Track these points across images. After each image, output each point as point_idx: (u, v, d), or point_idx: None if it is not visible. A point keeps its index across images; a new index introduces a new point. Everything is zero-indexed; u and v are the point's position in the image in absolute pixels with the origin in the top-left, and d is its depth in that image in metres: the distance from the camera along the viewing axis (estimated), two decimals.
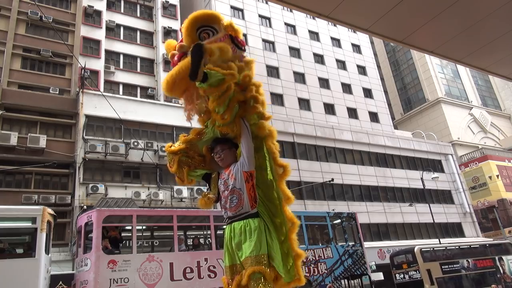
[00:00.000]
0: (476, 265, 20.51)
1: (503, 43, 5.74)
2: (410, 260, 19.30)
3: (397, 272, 19.90)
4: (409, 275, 19.03)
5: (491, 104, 52.00)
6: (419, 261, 18.71)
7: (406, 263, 19.47)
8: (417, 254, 18.89)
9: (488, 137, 47.09)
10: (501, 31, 5.44)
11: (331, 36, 36.49)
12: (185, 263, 9.03)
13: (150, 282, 8.69)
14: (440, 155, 36.15)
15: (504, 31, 5.38)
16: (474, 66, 6.44)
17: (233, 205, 3.51)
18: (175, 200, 20.91)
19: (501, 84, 52.82)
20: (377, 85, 37.38)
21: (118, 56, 25.98)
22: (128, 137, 20.89)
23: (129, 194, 19.59)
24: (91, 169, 19.99)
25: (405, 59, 50.21)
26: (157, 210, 12.05)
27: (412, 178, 31.84)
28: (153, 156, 20.96)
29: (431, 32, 5.29)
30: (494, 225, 35.24)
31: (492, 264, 21.12)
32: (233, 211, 3.50)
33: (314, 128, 28.97)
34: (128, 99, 22.60)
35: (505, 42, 5.71)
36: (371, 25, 4.87)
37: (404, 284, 19.22)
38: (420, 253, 19.03)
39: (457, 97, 47.02)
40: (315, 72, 33.30)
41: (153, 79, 26.53)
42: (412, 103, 48.50)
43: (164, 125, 22.50)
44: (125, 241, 10.47)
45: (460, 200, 34.75)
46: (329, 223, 11.64)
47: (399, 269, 19.78)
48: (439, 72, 47.38)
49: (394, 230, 29.23)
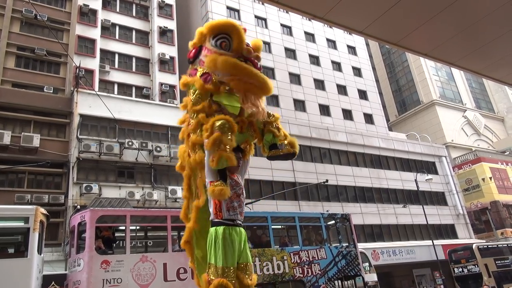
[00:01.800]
0: None
1: (496, 47, 5.79)
2: (468, 255, 21.75)
3: (455, 267, 22.49)
4: (467, 269, 21.52)
5: (484, 106, 52.39)
6: (478, 257, 21.27)
7: (464, 258, 21.96)
8: (475, 251, 21.47)
9: (481, 139, 47.42)
10: (494, 35, 5.49)
11: (327, 38, 36.60)
12: (178, 264, 9.01)
13: (143, 283, 8.66)
14: (434, 157, 36.36)
15: (497, 35, 5.43)
16: (467, 69, 6.49)
17: (243, 211, 3.72)
18: (169, 200, 20.86)
19: (494, 87, 53.24)
20: (372, 87, 37.54)
21: (113, 56, 25.88)
22: (123, 137, 20.81)
23: (123, 194, 19.52)
24: (85, 169, 19.88)
25: (400, 61, 50.46)
26: (151, 210, 12.02)
27: (406, 179, 31.97)
28: (147, 156, 20.90)
29: (425, 35, 5.32)
30: (487, 226, 35.49)
31: None
32: (242, 216, 3.70)
33: (309, 129, 29.01)
34: (123, 98, 22.52)
35: (498, 46, 5.76)
36: (366, 27, 4.89)
37: (463, 276, 21.74)
38: (477, 249, 21.59)
39: (451, 99, 47.33)
40: (310, 73, 33.37)
41: (148, 79, 26.46)
42: (406, 105, 48.73)
43: (159, 125, 22.44)
44: (118, 241, 10.43)
45: (454, 202, 34.96)
46: (323, 224, 11.66)
47: (458, 264, 22.26)
48: (433, 74, 47.65)
49: (388, 231, 29.34)
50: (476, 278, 20.67)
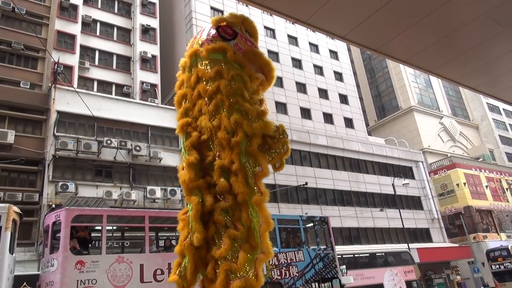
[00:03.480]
0: None
1: (471, 57, 5.97)
2: (505, 254, 25.54)
3: (493, 264, 26.30)
4: (504, 266, 25.45)
5: (460, 114, 53.83)
6: None
7: (501, 256, 25.79)
8: (511, 251, 25.29)
9: (456, 145, 48.70)
10: (470, 45, 5.65)
11: (310, 42, 36.93)
12: (155, 265, 8.90)
13: (119, 284, 8.52)
14: (411, 162, 37.12)
15: (472, 45, 5.60)
16: (444, 77, 6.66)
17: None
18: (148, 201, 20.60)
19: (470, 95, 54.78)
20: (353, 92, 38.06)
21: (94, 52, 25.44)
22: (101, 135, 20.45)
23: (100, 194, 19.16)
24: (61, 167, 19.44)
25: (380, 67, 51.34)
26: (128, 210, 11.84)
27: (383, 183, 32.52)
28: (126, 155, 20.60)
29: (404, 43, 5.44)
30: (460, 231, 36.44)
31: None
32: None
33: (290, 132, 29.15)
34: (102, 96, 22.14)
35: (473, 56, 5.94)
36: (347, 33, 4.97)
37: (500, 272, 25.67)
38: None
39: (429, 106, 48.44)
40: (292, 76, 33.59)
41: (129, 77, 26.11)
42: (386, 110, 49.61)
43: (139, 124, 22.17)
44: (94, 242, 10.23)
45: (429, 206, 35.75)
46: (301, 226, 11.74)
47: (495, 261, 26.16)
48: (412, 81, 48.68)
49: (365, 235, 29.77)
50: (511, 273, 24.75)
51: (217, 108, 3.98)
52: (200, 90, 4.10)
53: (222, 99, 3.97)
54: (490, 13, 4.79)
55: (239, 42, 3.86)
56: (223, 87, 3.97)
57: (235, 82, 3.99)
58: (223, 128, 3.89)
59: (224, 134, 3.87)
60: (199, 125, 4.13)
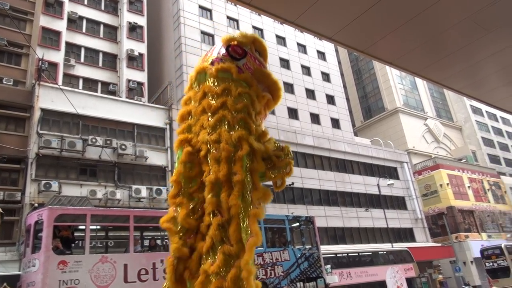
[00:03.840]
0: None
1: (455, 59, 6.06)
2: (498, 252, 27.70)
3: (486, 262, 28.43)
4: (497, 263, 27.55)
5: (444, 116, 54.72)
6: (506, 254, 27.22)
7: (494, 255, 27.84)
8: (504, 249, 27.53)
9: (440, 147, 49.49)
10: (454, 48, 5.74)
11: (298, 42, 37.05)
12: (140, 265, 8.80)
13: (102, 284, 8.40)
14: (396, 162, 37.57)
15: (456, 48, 5.68)
16: (429, 79, 6.74)
17: None
18: (133, 200, 20.40)
19: (454, 97, 55.73)
20: (340, 92, 38.34)
21: (79, 49, 25.06)
22: (86, 133, 20.17)
23: (85, 193, 18.90)
24: (44, 166, 19.10)
25: (367, 69, 51.84)
26: (113, 209, 11.69)
27: (369, 184, 32.84)
28: (112, 154, 20.36)
29: (391, 44, 5.49)
30: (443, 231, 37.03)
31: None
32: None
33: (278, 132, 29.23)
34: (88, 94, 21.83)
35: (457, 59, 6.03)
36: (335, 34, 4.99)
37: (493, 269, 27.76)
38: (505, 248, 27.74)
39: (414, 107, 49.12)
40: (280, 76, 33.64)
41: (115, 74, 25.80)
42: (372, 111, 50.12)
43: (125, 122, 21.93)
44: (78, 241, 10.08)
45: (413, 207, 36.25)
46: (287, 226, 11.77)
47: (489, 259, 28.26)
48: (398, 83, 49.29)
49: (350, 234, 30.02)
50: (504, 270, 26.94)
51: (219, 123, 3.96)
52: (205, 106, 4.07)
53: (224, 115, 3.96)
54: (474, 16, 4.87)
55: (248, 61, 3.92)
56: (230, 104, 3.98)
57: (242, 99, 4.02)
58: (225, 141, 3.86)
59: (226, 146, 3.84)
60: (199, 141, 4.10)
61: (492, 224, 42.88)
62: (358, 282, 19.32)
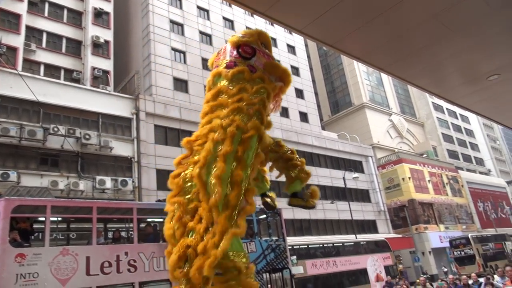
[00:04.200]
0: (495, 246, 32.66)
1: (420, 57, 6.24)
2: (464, 242, 30.96)
3: (455, 250, 31.67)
4: (464, 252, 30.56)
5: (408, 112, 56.57)
6: (472, 244, 30.33)
7: (462, 244, 31.07)
8: (471, 239, 30.95)
9: (404, 142, 51.20)
10: (419, 45, 5.90)
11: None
12: (103, 257, 8.60)
13: (63, 277, 8.15)
14: (361, 156, 38.54)
15: (421, 46, 5.85)
16: (395, 75, 6.92)
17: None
18: (97, 191, 19.85)
19: (417, 94, 57.69)
20: (309, 87, 38.75)
21: (41, 34, 23.96)
22: (48, 122, 19.38)
23: (46, 183, 18.20)
24: (2, 155, 18.23)
25: (335, 64, 52.65)
26: (75, 201, 11.33)
27: (335, 177, 33.53)
28: (75, 143, 19.69)
29: (359, 40, 5.58)
30: (404, 222, 38.48)
31: (501, 246, 33.43)
32: None
33: None
34: (49, 81, 20.94)
35: (422, 56, 6.21)
36: (305, 26, 5.00)
37: (460, 257, 30.80)
38: (472, 238, 31.17)
39: (380, 103, 50.45)
40: None
41: (79, 62, 24.87)
42: (339, 106, 51.07)
43: (89, 111, 21.23)
44: (37, 233, 9.71)
45: (376, 199, 37.38)
46: (255, 218, 11.83)
47: (457, 248, 31.52)
48: (365, 78, 50.41)
49: (316, 226, 30.61)
50: (470, 258, 29.94)
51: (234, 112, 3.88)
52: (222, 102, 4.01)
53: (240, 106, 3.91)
54: (439, 15, 5.02)
55: (258, 58, 4.05)
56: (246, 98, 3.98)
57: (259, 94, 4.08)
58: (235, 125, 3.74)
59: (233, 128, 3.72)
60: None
61: (450, 216, 44.96)
62: (342, 270, 20.90)
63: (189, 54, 29.21)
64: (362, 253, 24.47)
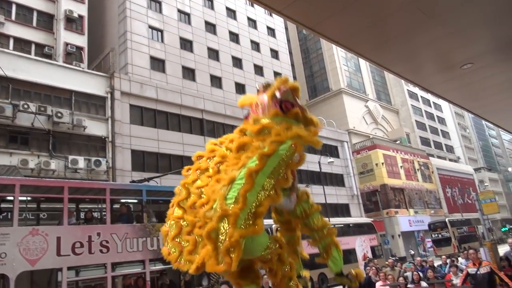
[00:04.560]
0: (468, 229, 35.86)
1: (398, 43, 6.28)
2: (442, 226, 34.23)
3: (433, 233, 34.89)
4: (441, 235, 33.71)
5: (384, 99, 57.47)
6: (449, 227, 33.54)
7: (440, 227, 34.28)
8: (448, 223, 34.02)
9: (378, 128, 52.15)
10: (397, 32, 5.93)
11: (248, 16, 36.55)
12: (74, 238, 8.45)
13: (32, 257, 7.98)
14: (337, 141, 39.06)
15: (399, 33, 5.88)
16: (373, 61, 6.95)
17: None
18: (69, 171, 19.39)
19: (393, 81, 58.58)
20: (288, 70, 38.68)
21: (10, 6, 22.83)
22: (17, 98, 18.65)
23: (15, 162, 17.61)
24: None
25: (315, 48, 52.63)
26: (45, 180, 11.02)
27: (310, 161, 33.81)
28: (46, 121, 19.06)
29: (338, 24, 5.55)
30: (376, 207, 39.57)
31: (474, 229, 36.80)
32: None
33: (224, 106, 29.03)
34: (19, 55, 20.05)
35: (400, 42, 6.25)
36: (285, 7, 4.93)
37: (438, 239, 33.93)
38: (449, 222, 34.32)
39: (357, 89, 50.99)
40: (229, 50, 33.17)
41: (51, 36, 23.89)
42: (317, 91, 51.32)
43: (62, 88, 20.52)
44: (6, 213, 9.44)
45: (350, 184, 38.14)
46: None
47: (435, 231, 34.66)
48: (343, 64, 50.71)
49: None
50: (446, 240, 33.01)
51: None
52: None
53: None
54: (416, 1, 5.04)
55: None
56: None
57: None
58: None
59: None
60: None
61: (419, 201, 46.47)
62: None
63: (166, 33, 28.53)
64: (351, 235, 25.75)
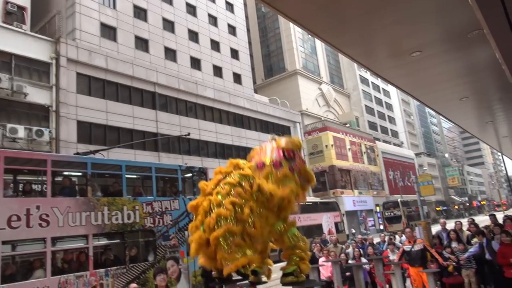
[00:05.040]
0: (415, 209, 38.64)
1: (354, 25, 6.35)
2: (394, 205, 38.75)
3: (387, 211, 38.97)
4: (393, 213, 38.08)
5: (337, 82, 58.82)
6: (400, 206, 38.07)
7: (392, 206, 38.77)
8: (399, 203, 38.47)
9: (330, 111, 53.50)
10: (353, 15, 5.99)
11: None
12: (11, 211, 7.93)
13: None
14: (290, 122, 39.65)
15: (358, 13, 5.93)
16: (328, 41, 7.00)
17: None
18: (7, 140, 18.11)
19: (347, 66, 60.01)
20: (244, 48, 38.28)
21: None
22: None
23: None
24: None
25: (273, 27, 52.39)
26: None
27: (264, 140, 33.99)
28: None
29: (296, 1, 5.50)
30: (323, 187, 40.97)
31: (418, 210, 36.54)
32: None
33: (178, 81, 28.30)
34: None
35: (356, 25, 6.33)
36: None
37: (390, 217, 38.12)
38: (400, 202, 38.71)
39: (312, 71, 51.69)
40: (185, 22, 32.12)
41: None
42: (273, 70, 51.42)
43: (0, 51, 18.92)
44: None
45: None
46: (180, 176, 11.66)
47: (388, 210, 38.97)
48: (300, 45, 51.02)
49: None
50: (397, 218, 37.40)
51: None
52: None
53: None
54: None
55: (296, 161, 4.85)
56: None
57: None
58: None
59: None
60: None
61: (364, 182, 48.70)
62: (305, 224, 24.32)
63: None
64: (318, 211, 28.26)
